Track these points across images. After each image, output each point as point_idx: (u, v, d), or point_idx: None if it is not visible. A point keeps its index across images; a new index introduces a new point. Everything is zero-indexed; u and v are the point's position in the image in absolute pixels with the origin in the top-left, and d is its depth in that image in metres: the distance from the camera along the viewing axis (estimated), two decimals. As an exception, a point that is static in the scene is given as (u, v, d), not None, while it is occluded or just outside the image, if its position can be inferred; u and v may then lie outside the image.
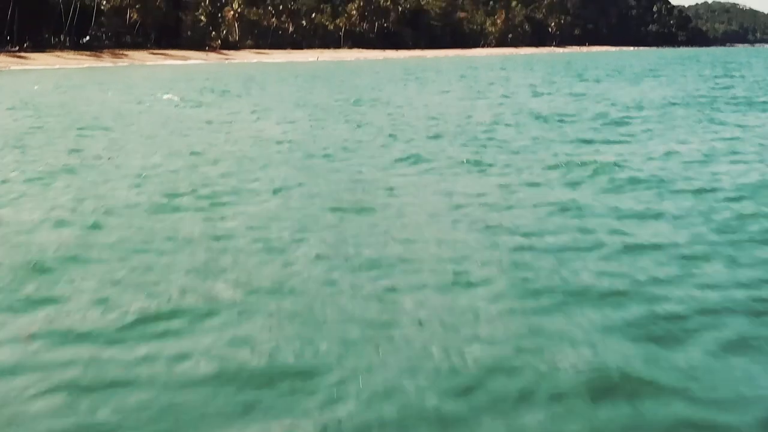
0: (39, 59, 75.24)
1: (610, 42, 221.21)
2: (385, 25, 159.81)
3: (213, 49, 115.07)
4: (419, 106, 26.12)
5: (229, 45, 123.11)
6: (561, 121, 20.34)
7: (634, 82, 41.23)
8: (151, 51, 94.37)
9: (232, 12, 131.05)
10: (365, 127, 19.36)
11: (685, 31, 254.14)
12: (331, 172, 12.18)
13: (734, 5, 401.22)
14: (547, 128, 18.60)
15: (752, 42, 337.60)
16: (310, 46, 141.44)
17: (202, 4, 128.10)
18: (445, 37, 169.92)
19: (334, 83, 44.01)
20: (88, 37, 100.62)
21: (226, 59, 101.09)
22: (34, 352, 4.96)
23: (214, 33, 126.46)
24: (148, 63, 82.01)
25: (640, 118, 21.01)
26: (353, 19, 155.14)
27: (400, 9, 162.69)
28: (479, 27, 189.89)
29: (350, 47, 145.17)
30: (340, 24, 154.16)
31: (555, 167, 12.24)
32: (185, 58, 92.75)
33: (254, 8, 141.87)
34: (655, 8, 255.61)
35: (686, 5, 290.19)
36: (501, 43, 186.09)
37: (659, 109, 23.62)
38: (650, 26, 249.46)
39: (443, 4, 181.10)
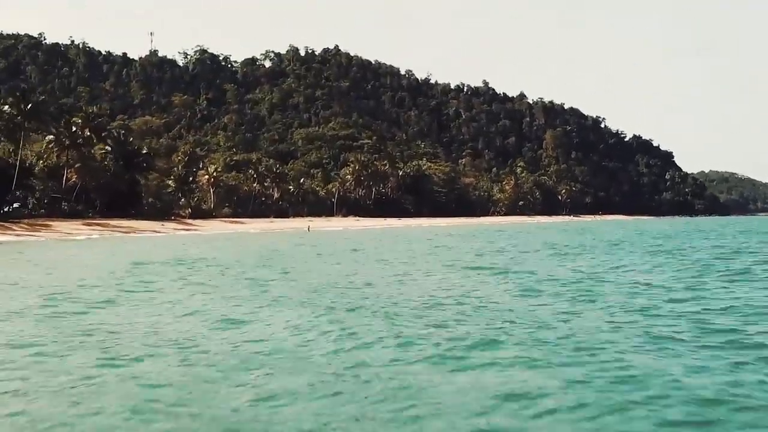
0: None
1: (623, 210, 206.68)
2: (383, 190, 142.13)
3: (179, 218, 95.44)
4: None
5: (201, 213, 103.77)
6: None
7: None
8: (86, 221, 73.67)
9: (207, 176, 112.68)
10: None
11: (702, 199, 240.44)
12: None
13: (732, 174, 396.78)
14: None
15: (753, 212, 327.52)
16: (298, 214, 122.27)
17: (175, 169, 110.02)
18: (449, 203, 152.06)
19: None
20: (16, 204, 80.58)
21: (188, 230, 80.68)
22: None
23: (183, 200, 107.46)
24: (49, 237, 60.72)
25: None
26: (347, 184, 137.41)
27: (400, 174, 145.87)
28: (486, 194, 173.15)
29: (344, 215, 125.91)
30: (333, 190, 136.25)
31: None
32: (131, 230, 72.03)
33: (234, 172, 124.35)
34: (668, 176, 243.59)
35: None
36: (511, 210, 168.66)
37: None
38: (664, 194, 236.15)
39: (446, 169, 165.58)
